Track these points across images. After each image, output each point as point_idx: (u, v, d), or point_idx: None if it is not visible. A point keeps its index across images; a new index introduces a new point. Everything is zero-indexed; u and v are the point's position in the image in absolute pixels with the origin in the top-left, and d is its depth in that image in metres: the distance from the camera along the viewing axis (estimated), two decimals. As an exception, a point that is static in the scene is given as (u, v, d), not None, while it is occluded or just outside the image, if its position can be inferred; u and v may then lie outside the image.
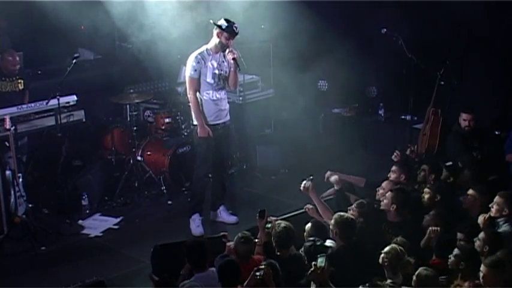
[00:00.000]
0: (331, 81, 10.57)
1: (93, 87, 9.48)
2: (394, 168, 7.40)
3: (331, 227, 6.10)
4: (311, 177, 6.82)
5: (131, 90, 9.48)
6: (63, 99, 8.02)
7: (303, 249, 5.86)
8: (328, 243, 6.08)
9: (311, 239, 5.91)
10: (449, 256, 5.63)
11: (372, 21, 9.82)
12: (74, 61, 8.10)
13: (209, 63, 7.61)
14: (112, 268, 7.09)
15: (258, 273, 5.24)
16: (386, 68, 10.12)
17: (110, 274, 6.83)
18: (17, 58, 8.32)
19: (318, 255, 5.33)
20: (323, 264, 5.22)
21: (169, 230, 7.91)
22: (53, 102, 7.89)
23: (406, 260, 5.60)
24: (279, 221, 6.17)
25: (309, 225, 6.40)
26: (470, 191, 6.70)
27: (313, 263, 5.27)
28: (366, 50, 10.25)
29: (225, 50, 7.57)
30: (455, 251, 5.62)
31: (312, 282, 5.31)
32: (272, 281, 5.30)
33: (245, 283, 5.36)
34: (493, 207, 6.36)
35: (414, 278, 5.32)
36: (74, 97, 8.20)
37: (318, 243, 5.79)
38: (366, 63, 10.20)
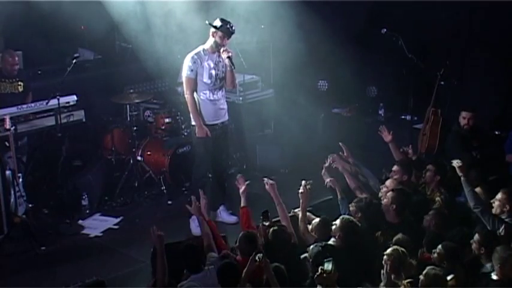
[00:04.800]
0: (331, 81, 10.57)
1: (93, 87, 9.45)
2: (395, 168, 7.21)
3: (334, 228, 6.05)
4: (310, 182, 6.79)
5: (131, 90, 9.46)
6: (63, 99, 8.03)
7: (309, 252, 5.79)
8: (332, 241, 6.03)
9: (318, 244, 5.81)
10: (433, 251, 5.63)
11: (372, 21, 9.83)
12: (74, 61, 8.11)
13: (205, 63, 7.60)
14: (112, 268, 7.08)
15: (257, 257, 5.28)
16: (386, 68, 10.11)
17: (110, 274, 6.83)
18: (16, 58, 8.33)
19: (325, 260, 5.31)
20: (330, 268, 5.22)
21: (169, 230, 7.85)
22: (53, 102, 7.90)
23: (409, 262, 5.55)
24: (273, 227, 6.09)
25: (316, 220, 6.32)
26: (478, 189, 6.68)
27: (320, 267, 5.26)
28: (366, 50, 10.25)
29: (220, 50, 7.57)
30: (439, 248, 5.59)
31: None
32: (271, 271, 5.31)
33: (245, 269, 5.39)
34: (494, 203, 6.37)
35: (422, 277, 5.25)
36: (74, 97, 8.21)
37: (321, 248, 5.70)
38: (366, 63, 10.19)
